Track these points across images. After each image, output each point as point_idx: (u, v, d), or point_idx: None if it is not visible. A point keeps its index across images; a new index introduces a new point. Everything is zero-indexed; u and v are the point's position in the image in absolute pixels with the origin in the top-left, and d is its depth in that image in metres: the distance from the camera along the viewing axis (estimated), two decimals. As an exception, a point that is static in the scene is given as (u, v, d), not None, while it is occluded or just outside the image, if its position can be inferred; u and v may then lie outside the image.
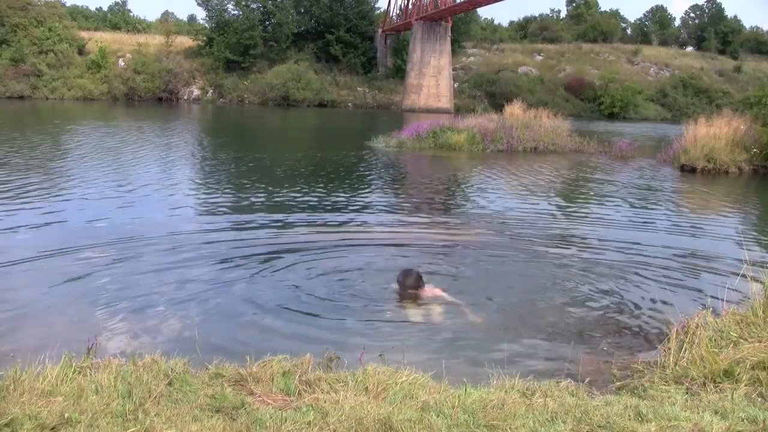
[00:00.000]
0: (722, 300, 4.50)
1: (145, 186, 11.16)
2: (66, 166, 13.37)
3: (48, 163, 13.45)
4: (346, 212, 9.55)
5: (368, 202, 10.64)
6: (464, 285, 6.08)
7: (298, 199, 10.36)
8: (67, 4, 60.76)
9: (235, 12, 48.01)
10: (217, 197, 10.57)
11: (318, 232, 8.13)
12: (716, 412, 2.96)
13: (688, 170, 15.65)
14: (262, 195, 10.65)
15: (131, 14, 78.75)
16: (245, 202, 10.03)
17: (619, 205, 11.10)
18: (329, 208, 9.76)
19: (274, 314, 5.19)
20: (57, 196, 9.92)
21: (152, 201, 9.91)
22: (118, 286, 5.64)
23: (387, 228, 8.76)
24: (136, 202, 9.76)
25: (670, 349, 3.90)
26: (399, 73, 49.53)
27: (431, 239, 8.12)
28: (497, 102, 38.14)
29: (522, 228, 8.84)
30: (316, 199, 10.44)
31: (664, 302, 5.75)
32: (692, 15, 77.28)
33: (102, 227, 7.90)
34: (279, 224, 8.60)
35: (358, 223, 8.96)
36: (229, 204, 10.02)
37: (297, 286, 5.91)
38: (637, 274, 6.72)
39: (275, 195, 10.67)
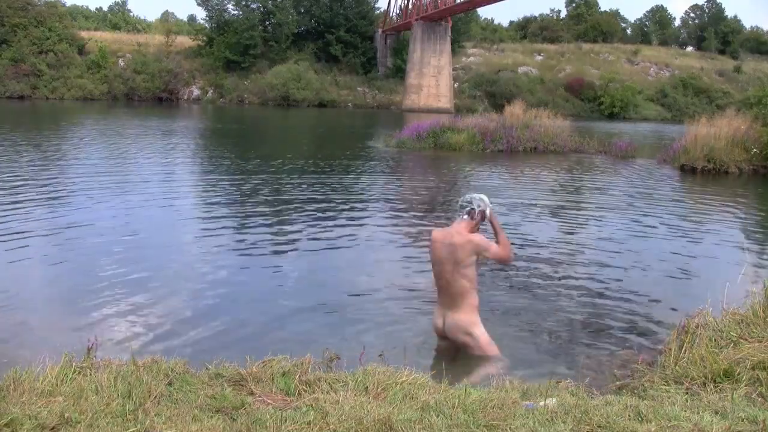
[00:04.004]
0: (722, 300, 4.49)
1: (147, 186, 11.16)
2: (72, 165, 13.36)
3: (54, 163, 13.45)
4: (346, 211, 9.55)
5: (368, 202, 10.64)
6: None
7: (298, 199, 10.36)
8: (67, 4, 60.83)
9: (235, 12, 48.06)
10: (219, 197, 10.57)
11: (318, 232, 8.13)
12: (716, 412, 2.96)
13: (688, 170, 15.64)
14: (263, 195, 10.64)
15: (131, 14, 78.98)
16: (246, 202, 10.03)
17: (619, 205, 11.09)
18: (329, 207, 9.76)
19: (275, 314, 5.19)
20: (59, 195, 9.92)
21: (154, 201, 9.90)
22: (119, 286, 5.64)
23: (387, 227, 8.76)
24: (139, 202, 9.75)
25: (670, 349, 3.90)
26: (399, 73, 49.52)
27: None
28: (497, 102, 38.18)
29: (520, 228, 8.83)
30: (316, 198, 10.44)
31: (664, 302, 5.75)
32: (692, 15, 77.30)
33: (103, 227, 7.90)
34: (279, 224, 8.60)
35: (358, 222, 8.96)
36: (230, 204, 10.02)
37: (297, 286, 5.91)
38: (636, 274, 6.72)
39: (276, 195, 10.67)
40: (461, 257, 4.14)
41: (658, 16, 77.39)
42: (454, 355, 4.31)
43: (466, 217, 4.25)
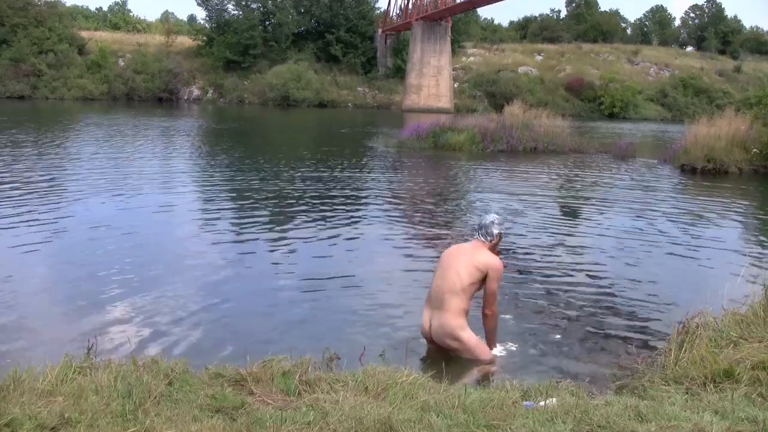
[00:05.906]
0: (722, 300, 4.49)
1: (148, 186, 11.16)
2: (74, 164, 13.36)
3: (56, 162, 13.45)
4: (346, 212, 9.54)
5: (368, 202, 10.64)
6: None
7: (298, 199, 10.35)
8: (67, 4, 60.80)
9: (235, 12, 48.15)
10: (218, 197, 10.57)
11: (318, 232, 8.12)
12: (716, 412, 2.96)
13: (688, 170, 15.64)
14: (263, 194, 10.64)
15: (131, 14, 79.00)
16: (246, 202, 10.03)
17: (619, 205, 11.09)
18: (329, 207, 9.75)
19: (274, 314, 5.19)
20: (59, 194, 9.91)
21: (155, 200, 9.89)
22: (119, 286, 5.63)
23: (387, 228, 8.75)
24: (139, 201, 9.75)
25: (670, 349, 3.90)
26: (399, 73, 49.56)
27: (430, 240, 8.11)
28: (497, 102, 38.19)
29: (520, 228, 8.83)
30: (316, 198, 10.43)
31: (664, 302, 5.76)
32: (692, 15, 77.41)
33: (104, 226, 7.89)
34: (279, 224, 8.60)
35: (358, 222, 8.95)
36: (230, 204, 10.02)
37: (297, 286, 5.91)
38: (636, 273, 6.71)
39: (276, 194, 10.67)
40: (471, 268, 4.28)
41: (658, 16, 77.50)
42: (453, 356, 4.31)
43: (481, 238, 4.46)
